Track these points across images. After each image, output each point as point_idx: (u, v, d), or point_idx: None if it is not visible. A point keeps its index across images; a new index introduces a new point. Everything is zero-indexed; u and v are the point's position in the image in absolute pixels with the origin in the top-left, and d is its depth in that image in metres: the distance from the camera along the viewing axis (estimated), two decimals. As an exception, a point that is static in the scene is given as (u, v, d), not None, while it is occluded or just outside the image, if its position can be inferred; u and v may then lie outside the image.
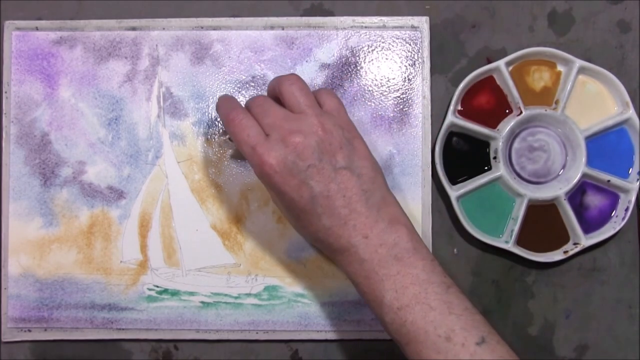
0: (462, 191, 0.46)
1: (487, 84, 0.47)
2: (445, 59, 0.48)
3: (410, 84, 0.47)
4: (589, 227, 0.47)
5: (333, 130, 0.38)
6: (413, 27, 0.48)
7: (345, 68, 0.48)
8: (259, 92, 0.48)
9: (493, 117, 0.47)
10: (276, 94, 0.41)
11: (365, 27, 0.48)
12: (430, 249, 0.46)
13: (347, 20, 0.48)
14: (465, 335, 0.35)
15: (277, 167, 0.37)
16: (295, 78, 0.40)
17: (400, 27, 0.48)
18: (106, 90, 0.48)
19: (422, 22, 0.47)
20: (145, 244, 0.47)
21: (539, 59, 0.47)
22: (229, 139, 0.47)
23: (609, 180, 0.46)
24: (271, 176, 0.37)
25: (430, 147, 0.47)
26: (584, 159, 0.46)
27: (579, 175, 0.46)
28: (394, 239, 0.37)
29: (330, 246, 0.38)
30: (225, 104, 0.41)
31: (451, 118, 0.46)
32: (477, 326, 0.36)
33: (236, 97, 0.47)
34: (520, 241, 0.46)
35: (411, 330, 0.36)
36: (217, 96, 0.47)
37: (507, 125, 0.46)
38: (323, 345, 0.47)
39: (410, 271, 0.36)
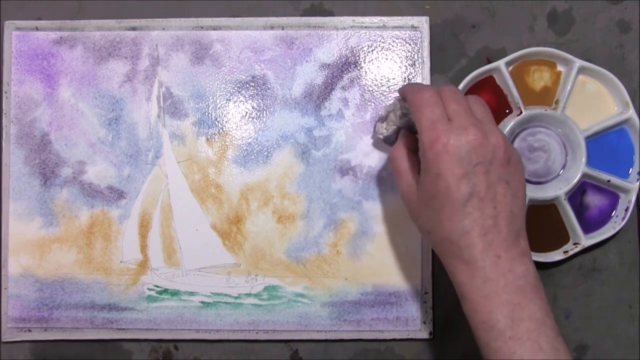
0: (462, 191, 0.46)
1: (487, 84, 0.47)
2: (445, 59, 0.48)
3: (410, 84, 0.47)
4: (589, 227, 0.47)
5: (508, 146, 0.38)
6: (413, 27, 0.48)
7: (345, 68, 0.47)
8: (259, 92, 0.48)
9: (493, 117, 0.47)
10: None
11: (365, 27, 0.48)
12: (431, 250, 0.46)
13: (347, 20, 0.48)
14: None
15: (450, 149, 0.36)
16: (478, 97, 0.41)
17: (400, 27, 0.48)
18: (106, 90, 0.48)
19: (422, 22, 0.47)
20: (145, 244, 0.47)
21: (539, 59, 0.47)
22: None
23: (609, 180, 0.46)
24: (440, 155, 0.36)
25: (430, 147, 0.47)
26: (584, 159, 0.46)
27: (579, 175, 0.46)
28: (523, 271, 0.37)
29: (459, 251, 0.37)
30: (415, 84, 0.41)
31: (451, 118, 0.46)
32: None
33: (236, 97, 0.47)
34: (520, 241, 0.46)
35: None
36: (218, 96, 0.48)
37: (507, 125, 0.46)
38: (323, 345, 0.47)
39: (529, 306, 0.36)
